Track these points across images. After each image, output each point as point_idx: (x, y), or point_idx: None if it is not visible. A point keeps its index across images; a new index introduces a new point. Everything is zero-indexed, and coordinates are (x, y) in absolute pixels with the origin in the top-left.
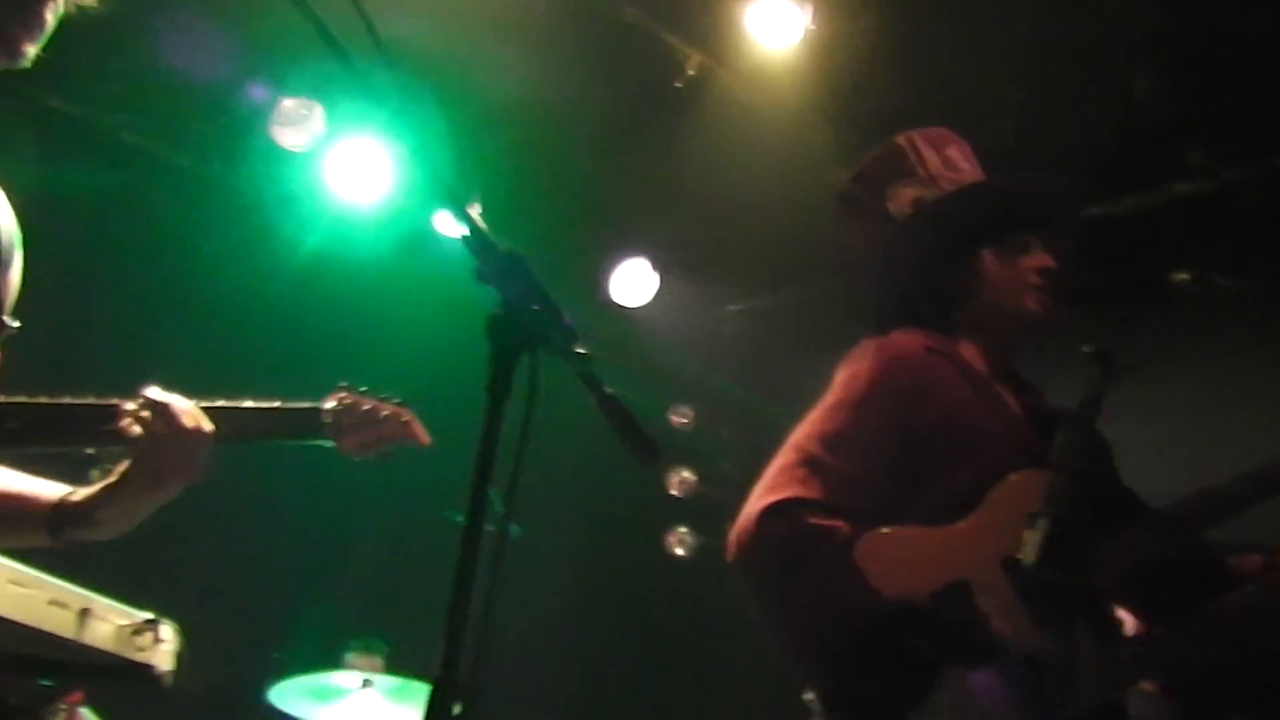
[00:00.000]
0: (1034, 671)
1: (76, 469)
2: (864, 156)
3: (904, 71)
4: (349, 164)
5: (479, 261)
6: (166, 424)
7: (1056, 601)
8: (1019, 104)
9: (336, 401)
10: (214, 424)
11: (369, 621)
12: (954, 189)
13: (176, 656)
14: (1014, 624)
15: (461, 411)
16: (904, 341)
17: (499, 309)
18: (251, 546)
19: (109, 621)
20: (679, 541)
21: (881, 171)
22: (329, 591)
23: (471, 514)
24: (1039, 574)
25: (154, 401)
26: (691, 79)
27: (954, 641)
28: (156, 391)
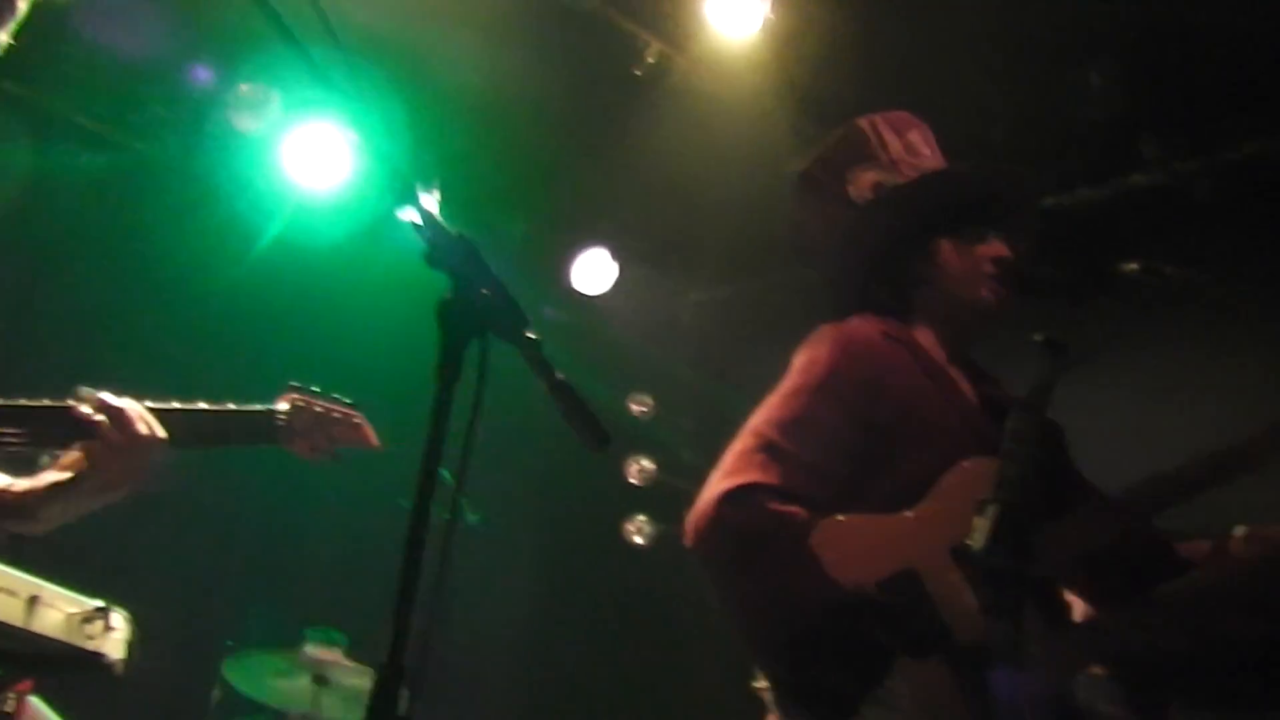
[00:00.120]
0: (982, 658)
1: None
2: (825, 138)
3: (862, 62)
4: (307, 150)
5: (429, 246)
6: (121, 431)
7: (1005, 587)
8: (976, 95)
9: (289, 404)
10: (169, 429)
11: (328, 611)
12: (915, 175)
13: (128, 645)
14: (962, 611)
15: (423, 399)
16: (861, 328)
17: (449, 293)
18: (207, 534)
19: (58, 609)
20: (638, 530)
21: (842, 154)
22: (286, 580)
23: (419, 499)
24: (988, 560)
25: (109, 406)
26: (651, 67)
27: (903, 630)
28: (111, 397)
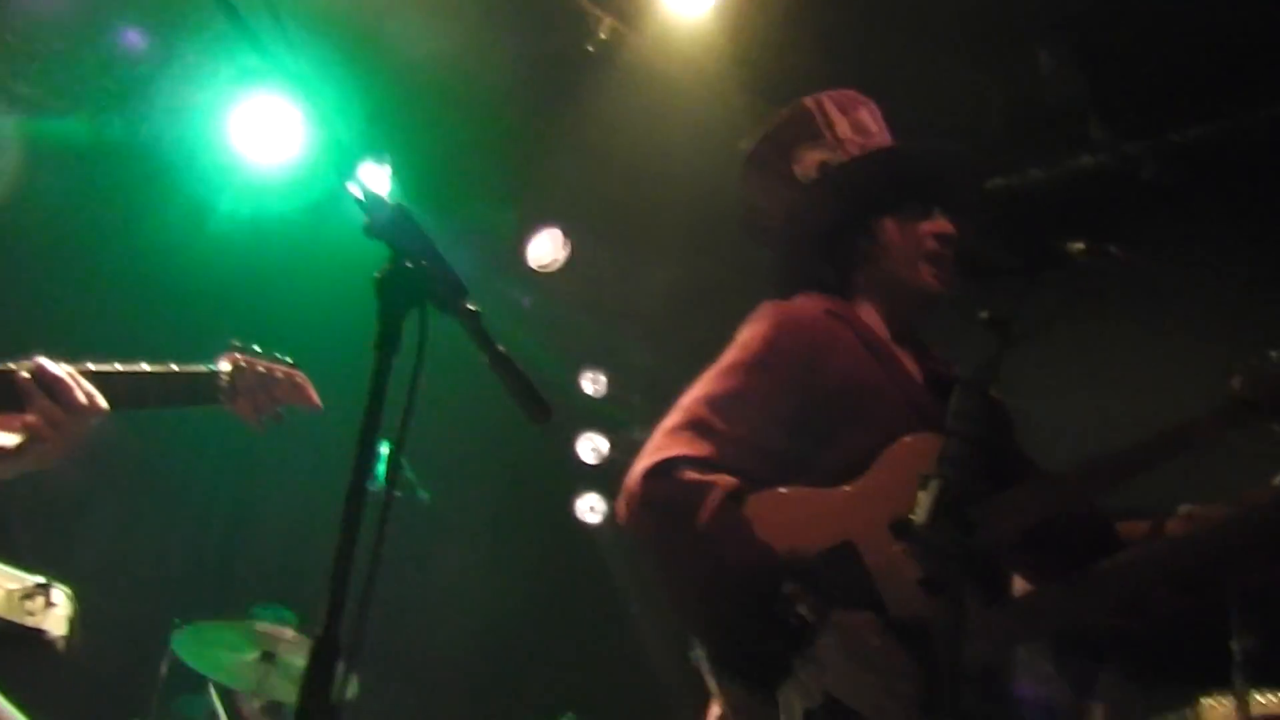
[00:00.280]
0: (917, 631)
1: None
2: (772, 118)
3: (815, 40)
4: (256, 123)
5: (368, 217)
6: (60, 401)
7: (944, 562)
8: (927, 75)
9: (231, 364)
10: (109, 390)
11: (277, 587)
12: (860, 154)
13: (70, 622)
14: (899, 584)
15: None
16: (803, 305)
17: (387, 264)
18: (154, 509)
19: None
20: (589, 508)
21: (788, 133)
22: (235, 556)
23: (356, 471)
24: (928, 534)
25: (46, 374)
26: (603, 43)
27: (838, 602)
28: (49, 364)
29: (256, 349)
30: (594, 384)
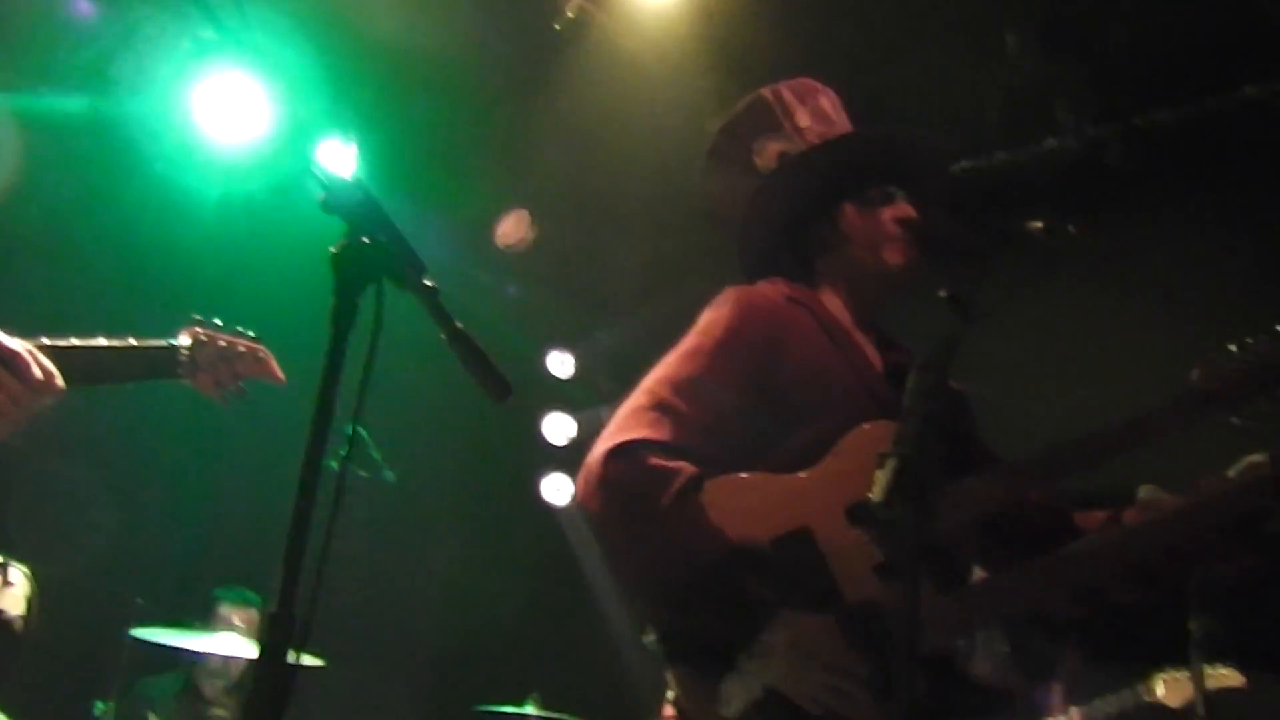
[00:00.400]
0: (870, 617)
1: None
2: (729, 110)
3: (781, 22)
4: (220, 101)
5: (325, 191)
6: (17, 376)
7: (901, 543)
8: (893, 57)
9: (191, 338)
10: (66, 365)
11: (242, 569)
12: (818, 142)
13: (28, 601)
14: (854, 571)
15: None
16: (764, 290)
17: (343, 240)
18: (117, 487)
19: None
20: (556, 489)
21: (747, 125)
22: (199, 536)
23: (310, 448)
24: (884, 513)
25: (3, 349)
26: (571, 22)
27: (793, 587)
28: (4, 338)
29: (217, 323)
30: (561, 364)
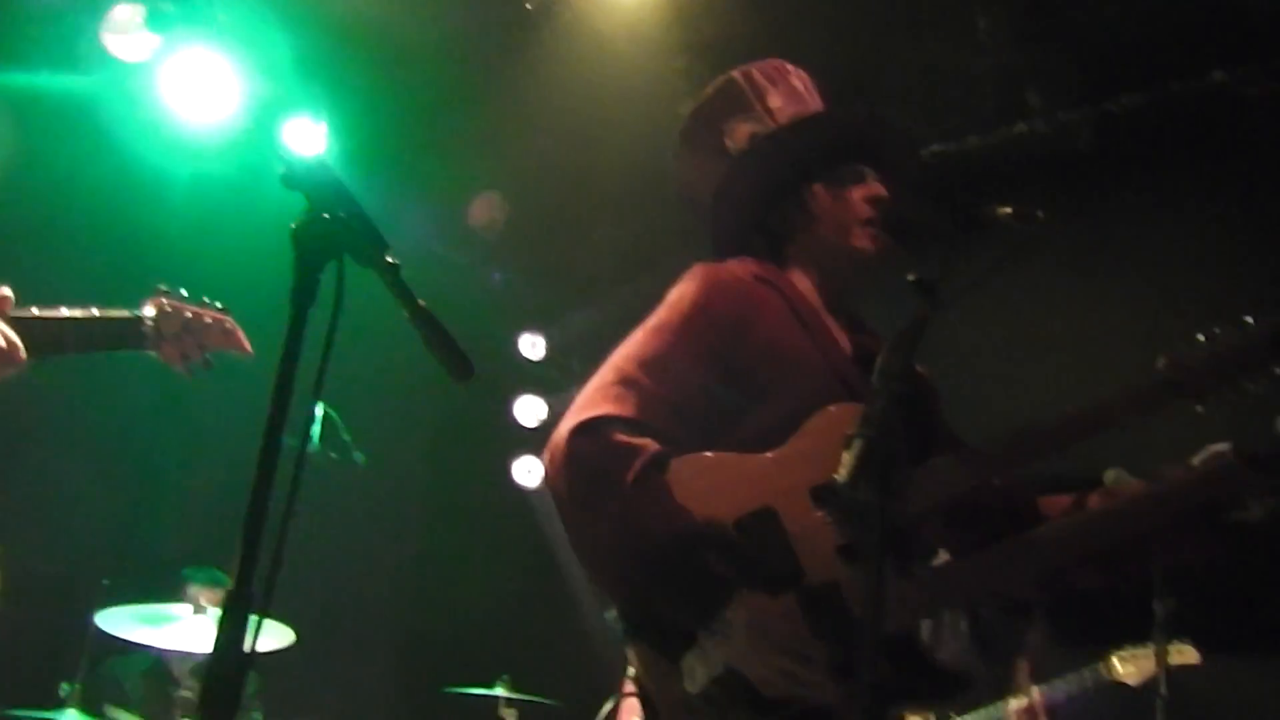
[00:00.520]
0: (833, 598)
1: None
2: (700, 93)
3: (754, 4)
4: (188, 79)
5: (286, 167)
6: None
7: (865, 524)
8: (865, 41)
9: (155, 309)
10: (27, 335)
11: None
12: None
13: None
14: (818, 552)
15: (310, 333)
16: (733, 268)
17: (304, 216)
18: (84, 465)
19: None
20: (527, 471)
21: (717, 108)
22: (167, 515)
23: (269, 426)
24: (849, 493)
25: None
26: (542, 2)
27: (756, 567)
28: None
29: (183, 293)
30: (532, 347)
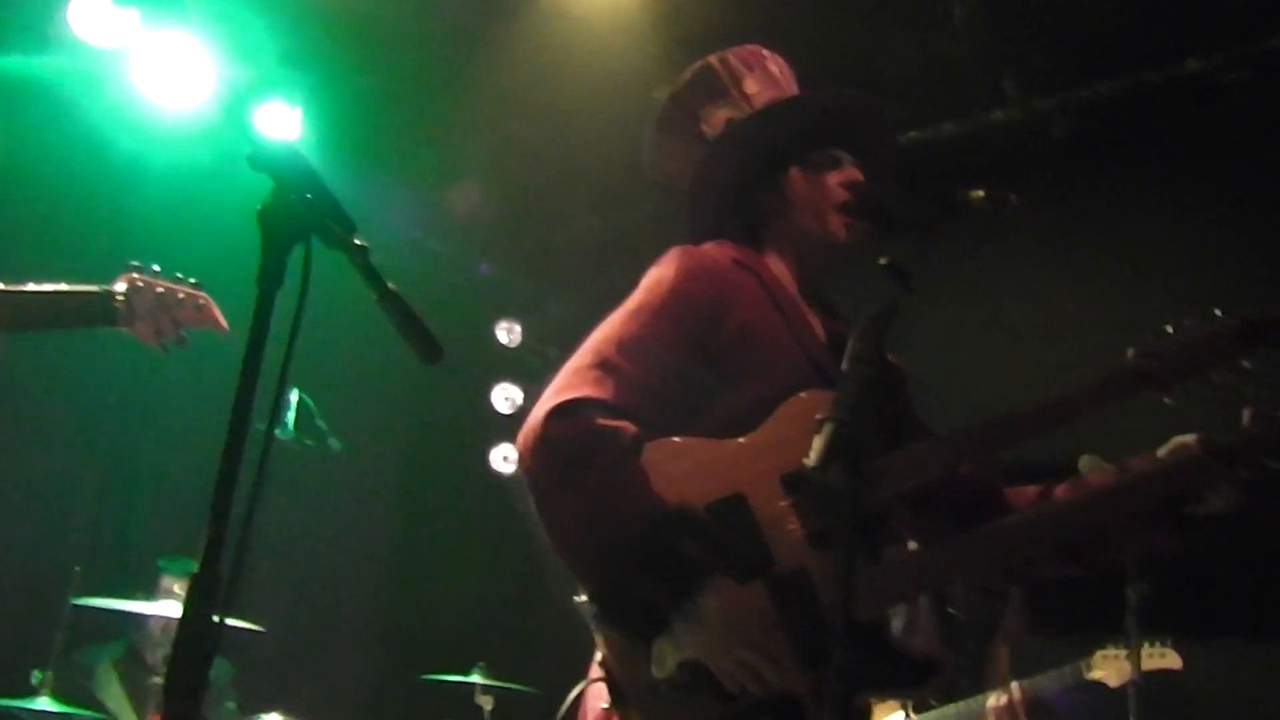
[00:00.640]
0: (802, 584)
1: None
2: (677, 79)
3: None
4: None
5: (252, 147)
6: None
7: (835, 508)
8: (843, 28)
9: (127, 284)
10: None
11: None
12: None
13: None
14: (788, 539)
15: (287, 318)
16: (710, 251)
17: (270, 197)
18: (58, 452)
19: None
20: (503, 458)
21: (694, 93)
22: (141, 504)
23: (236, 409)
24: (819, 477)
25: None
26: None
27: (726, 553)
28: None
29: (156, 269)
30: (509, 334)
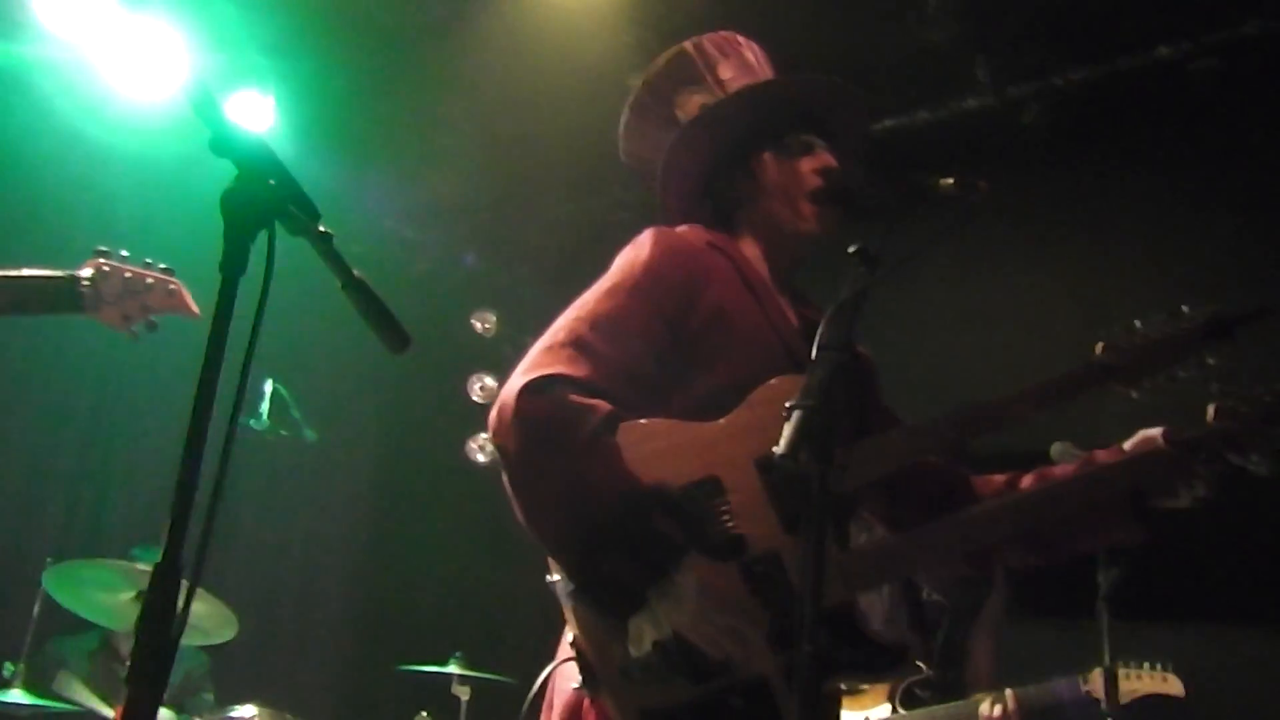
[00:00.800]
0: (775, 569)
1: None
2: (651, 65)
3: None
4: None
5: (214, 133)
6: None
7: (805, 494)
8: (817, 13)
9: (93, 269)
10: None
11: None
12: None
13: None
14: (762, 523)
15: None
16: (685, 233)
17: (233, 183)
18: (29, 441)
19: None
20: (480, 448)
21: (668, 79)
22: (114, 492)
23: (199, 397)
24: (789, 463)
25: None
26: None
27: (700, 536)
28: None
29: (124, 254)
30: (484, 324)
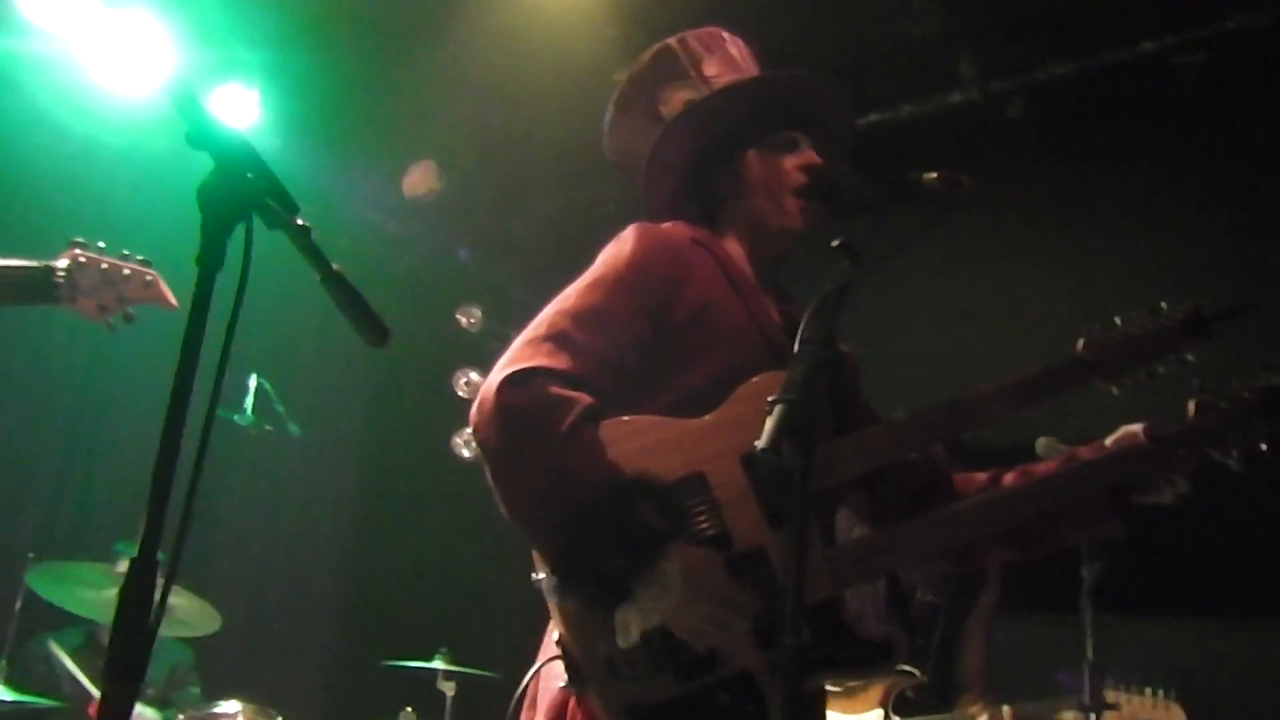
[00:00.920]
0: (760, 564)
1: None
2: (635, 61)
3: None
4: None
5: (191, 126)
6: None
7: (788, 489)
8: (800, 10)
9: (69, 260)
10: None
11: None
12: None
13: None
14: (746, 518)
15: (250, 301)
16: (669, 229)
17: (210, 176)
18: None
19: None
20: (465, 443)
21: (653, 74)
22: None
23: (175, 392)
24: (771, 458)
25: None
26: None
27: (686, 519)
28: None
29: (101, 245)
30: (469, 319)
